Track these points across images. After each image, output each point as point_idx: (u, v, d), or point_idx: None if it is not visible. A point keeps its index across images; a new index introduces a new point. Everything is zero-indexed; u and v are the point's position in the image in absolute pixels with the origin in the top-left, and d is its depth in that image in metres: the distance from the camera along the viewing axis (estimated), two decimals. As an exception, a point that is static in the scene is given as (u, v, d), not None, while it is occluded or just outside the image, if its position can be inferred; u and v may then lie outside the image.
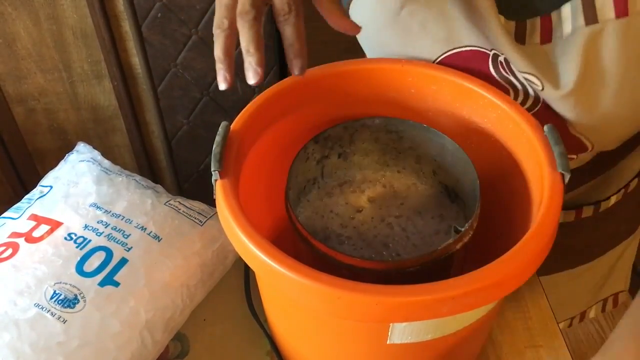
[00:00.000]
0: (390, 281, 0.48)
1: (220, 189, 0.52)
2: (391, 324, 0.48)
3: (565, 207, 0.78)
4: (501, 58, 0.61)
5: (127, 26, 1.08)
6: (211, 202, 0.58)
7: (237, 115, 0.58)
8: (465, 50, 0.62)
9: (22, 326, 0.58)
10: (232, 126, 0.56)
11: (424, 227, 0.62)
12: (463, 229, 0.53)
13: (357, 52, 0.64)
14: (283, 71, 1.20)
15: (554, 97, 0.59)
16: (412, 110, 0.64)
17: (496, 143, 0.60)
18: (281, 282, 0.47)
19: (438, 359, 0.59)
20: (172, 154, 1.25)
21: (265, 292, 0.61)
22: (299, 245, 0.55)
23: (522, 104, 0.63)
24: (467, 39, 0.61)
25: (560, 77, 0.57)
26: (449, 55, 0.62)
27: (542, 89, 0.58)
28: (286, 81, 0.61)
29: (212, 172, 0.53)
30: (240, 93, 1.15)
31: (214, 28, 0.52)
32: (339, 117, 0.63)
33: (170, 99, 1.16)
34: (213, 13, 1.02)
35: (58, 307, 0.59)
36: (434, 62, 0.64)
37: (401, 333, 0.49)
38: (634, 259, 0.98)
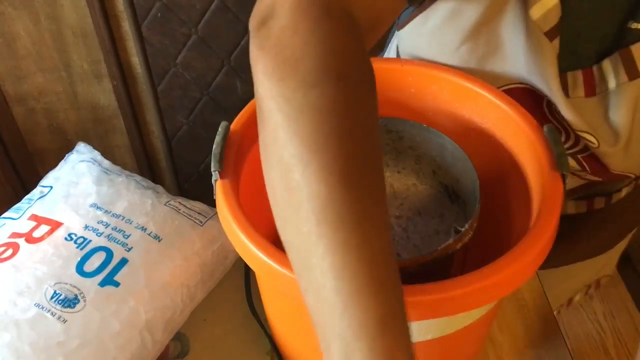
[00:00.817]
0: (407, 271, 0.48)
1: (220, 189, 0.52)
2: (391, 324, 0.48)
3: (578, 197, 0.78)
4: (554, 106, 0.61)
5: (127, 26, 1.08)
6: (211, 202, 0.58)
7: (237, 115, 0.58)
8: (521, 88, 0.62)
9: (22, 326, 0.58)
10: (232, 126, 0.56)
11: (424, 227, 0.62)
12: (463, 229, 0.53)
13: (357, 52, 0.64)
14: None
15: (608, 153, 0.59)
16: (412, 110, 0.64)
17: (496, 143, 0.60)
18: (281, 282, 0.47)
19: (438, 359, 0.59)
20: (172, 154, 1.25)
21: (265, 292, 0.61)
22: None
23: (572, 147, 0.64)
24: (524, 77, 0.61)
25: (613, 132, 0.58)
26: (503, 89, 0.62)
27: (598, 147, 0.59)
28: (286, 81, 0.61)
29: (212, 172, 0.53)
30: (240, 93, 1.15)
31: None
32: (339, 117, 0.63)
33: (170, 99, 1.16)
34: (213, 13, 1.03)
35: (58, 307, 0.59)
36: None
37: (401, 333, 0.49)
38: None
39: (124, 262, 0.64)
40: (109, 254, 0.64)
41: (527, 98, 0.61)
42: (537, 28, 0.55)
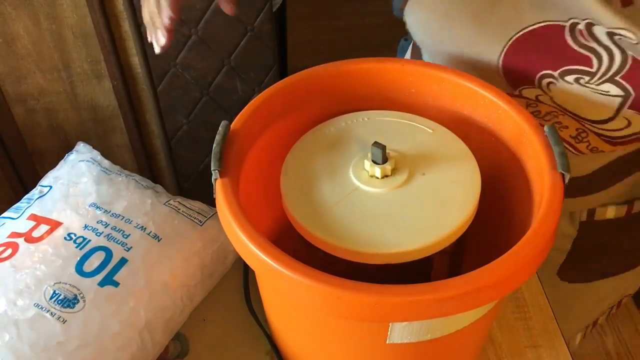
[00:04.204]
0: (388, 270, 0.48)
1: (220, 188, 0.52)
2: (391, 324, 0.48)
3: (618, 202, 0.77)
4: (580, 26, 0.59)
5: (126, 26, 1.08)
6: (211, 202, 0.58)
7: (237, 115, 0.58)
8: (538, 27, 0.60)
9: (22, 326, 0.58)
10: (232, 125, 0.56)
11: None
12: None
13: (357, 52, 0.64)
14: (283, 71, 1.20)
15: None
16: (412, 110, 0.64)
17: (497, 142, 0.60)
18: (281, 282, 0.47)
19: (438, 359, 0.59)
20: (172, 154, 1.25)
21: (265, 291, 0.61)
22: (298, 243, 0.55)
23: (608, 69, 0.61)
24: (539, 15, 0.60)
25: None
26: (521, 35, 0.61)
27: (638, 43, 0.57)
28: (286, 81, 0.61)
29: (212, 172, 0.53)
30: (240, 93, 1.15)
31: None
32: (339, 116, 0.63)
33: (170, 99, 1.16)
34: (213, 12, 1.03)
35: (58, 307, 0.59)
36: (505, 46, 0.62)
37: (401, 333, 0.49)
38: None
39: (123, 262, 0.64)
40: (109, 253, 0.64)
41: (547, 36, 0.60)
42: None
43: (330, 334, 0.55)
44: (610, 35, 0.58)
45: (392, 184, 0.55)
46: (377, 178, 0.55)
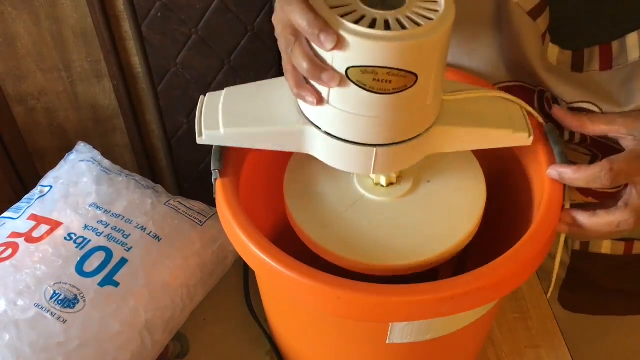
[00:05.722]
0: (394, 277, 0.48)
1: (220, 188, 0.52)
2: (391, 324, 0.48)
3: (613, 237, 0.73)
4: (547, 95, 0.61)
5: (127, 26, 1.08)
6: (211, 202, 0.58)
7: (237, 115, 0.58)
8: (511, 86, 0.62)
9: (22, 326, 0.58)
10: (232, 126, 0.56)
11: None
12: None
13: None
14: (282, 71, 1.19)
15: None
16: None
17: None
18: (281, 282, 0.47)
19: (438, 358, 0.59)
20: (172, 154, 1.25)
21: (265, 291, 0.61)
22: (299, 245, 0.55)
23: (571, 139, 0.64)
24: (512, 75, 0.62)
25: (622, 99, 0.58)
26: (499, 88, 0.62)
27: (602, 111, 0.59)
28: (286, 81, 0.61)
29: (213, 171, 0.53)
30: (240, 93, 1.15)
31: (283, 51, 0.48)
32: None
33: (170, 99, 1.16)
34: (213, 12, 1.03)
35: (58, 307, 0.59)
36: None
37: (401, 333, 0.49)
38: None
39: (123, 262, 0.64)
40: (109, 253, 0.64)
41: (520, 95, 0.61)
42: (518, 9, 0.56)
43: (331, 334, 0.55)
44: (571, 110, 0.59)
45: (397, 192, 0.55)
46: (382, 186, 0.55)
